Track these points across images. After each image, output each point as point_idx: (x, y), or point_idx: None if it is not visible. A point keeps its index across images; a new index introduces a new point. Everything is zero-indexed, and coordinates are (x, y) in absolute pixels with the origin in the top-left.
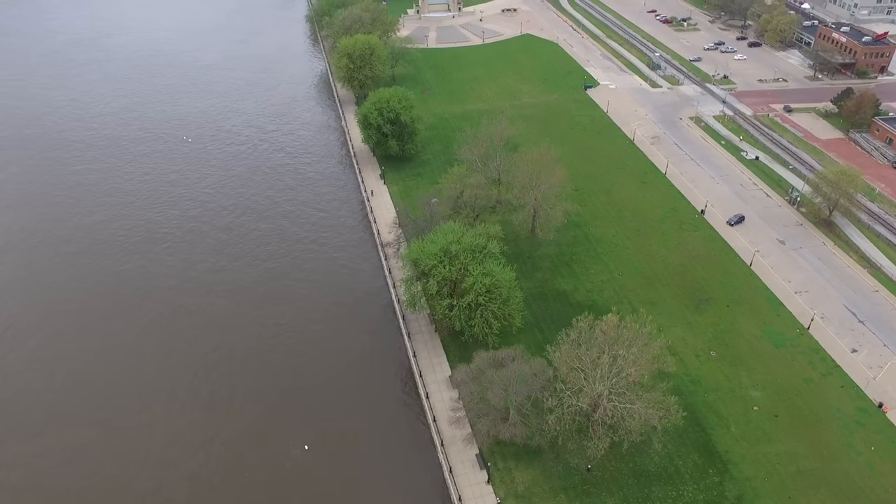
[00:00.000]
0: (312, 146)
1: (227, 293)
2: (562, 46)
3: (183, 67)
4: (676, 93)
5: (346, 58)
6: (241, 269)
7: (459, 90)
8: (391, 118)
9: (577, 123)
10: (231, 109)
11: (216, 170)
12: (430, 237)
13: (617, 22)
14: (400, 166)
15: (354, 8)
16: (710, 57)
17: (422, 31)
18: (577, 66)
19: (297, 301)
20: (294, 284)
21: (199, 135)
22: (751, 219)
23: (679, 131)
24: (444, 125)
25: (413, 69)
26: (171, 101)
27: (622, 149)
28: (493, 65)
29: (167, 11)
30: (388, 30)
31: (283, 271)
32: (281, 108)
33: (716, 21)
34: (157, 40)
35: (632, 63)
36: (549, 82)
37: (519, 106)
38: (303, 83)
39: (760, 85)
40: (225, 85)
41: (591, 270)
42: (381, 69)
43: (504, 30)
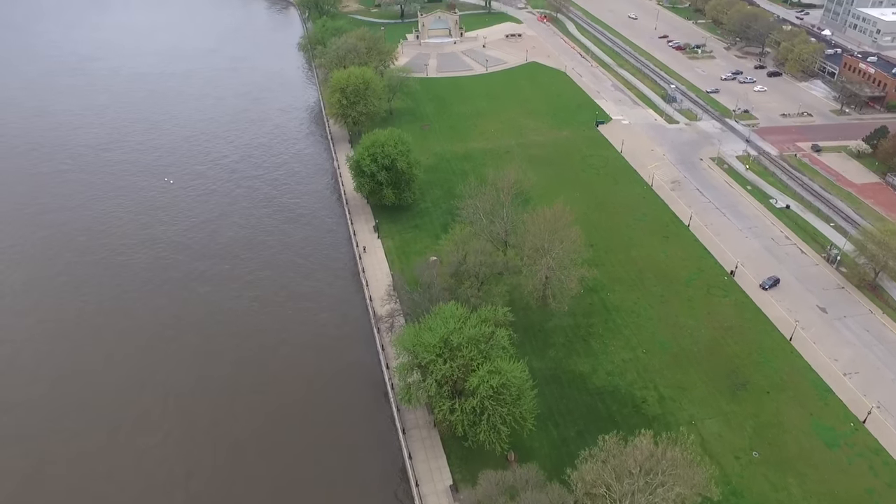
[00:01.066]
0: (300, 193)
1: (192, 382)
2: (570, 76)
3: (167, 96)
4: (695, 129)
5: (339, 93)
6: (212, 345)
7: (461, 126)
8: (386, 164)
9: (589, 165)
10: (215, 147)
11: (192, 221)
12: (428, 322)
13: (627, 49)
14: (396, 216)
15: (349, 36)
16: (728, 88)
17: (421, 59)
18: (588, 98)
19: (274, 384)
20: (272, 360)
21: (180, 174)
22: (786, 281)
23: (700, 174)
24: (444, 167)
25: (411, 102)
26: (153, 132)
27: (640, 196)
28: (498, 96)
29: (156, 35)
30: (385, 59)
31: (260, 344)
32: (268, 146)
33: (731, 48)
34: (144, 66)
35: (645, 95)
36: (557, 117)
37: (526, 145)
38: (293, 116)
39: (784, 120)
40: (210, 117)
41: (610, 347)
42: (377, 104)
43: (508, 57)
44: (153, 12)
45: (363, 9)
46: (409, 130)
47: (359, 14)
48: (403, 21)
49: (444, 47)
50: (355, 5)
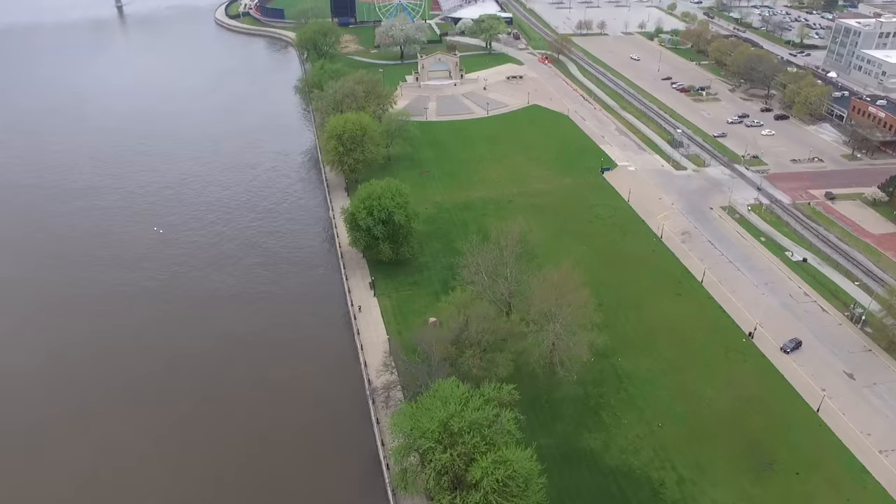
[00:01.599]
0: (294, 244)
1: (174, 458)
2: (573, 119)
3: (161, 137)
4: (703, 176)
5: (335, 139)
6: (196, 416)
7: (462, 173)
8: (383, 218)
9: (596, 216)
10: (208, 191)
11: (180, 269)
12: (426, 402)
13: (631, 91)
14: (393, 272)
15: (347, 80)
16: (735, 132)
17: (421, 102)
18: (592, 143)
19: (263, 455)
20: (261, 428)
21: (170, 220)
22: (809, 343)
23: (711, 225)
24: (444, 217)
25: (410, 147)
26: (145, 175)
27: (650, 248)
28: (499, 141)
29: (153, 73)
30: (383, 103)
31: (248, 413)
32: (262, 193)
33: (736, 90)
34: (138, 106)
35: (651, 140)
36: (561, 163)
37: (529, 193)
38: (289, 160)
39: (795, 166)
40: (205, 160)
41: (623, 420)
42: (374, 151)
43: (510, 100)
44: (152, 50)
45: (362, 49)
46: (408, 177)
47: (358, 55)
48: (403, 62)
49: (444, 89)
50: (354, 46)
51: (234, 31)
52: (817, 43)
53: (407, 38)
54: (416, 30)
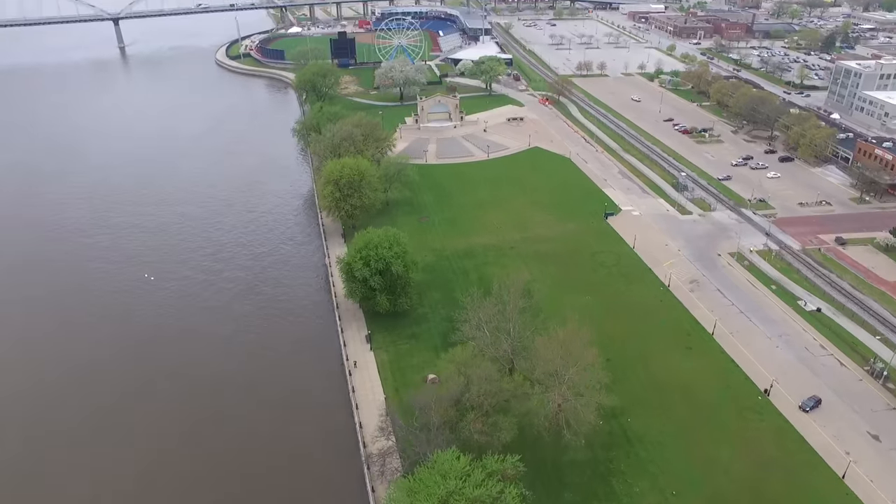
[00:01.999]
0: (288, 293)
1: None
2: (575, 162)
3: (157, 179)
4: (710, 220)
5: (332, 185)
6: (184, 476)
7: (462, 218)
8: (380, 269)
9: (600, 264)
10: (202, 235)
11: (168, 316)
12: (424, 477)
13: (633, 133)
14: (391, 325)
15: (345, 123)
16: (740, 175)
17: (420, 144)
18: (594, 186)
19: None
20: (247, 492)
21: (162, 266)
22: (829, 401)
23: (720, 272)
24: (444, 265)
25: (409, 192)
26: (138, 218)
27: (657, 298)
28: (500, 185)
29: (151, 113)
30: (382, 146)
31: (234, 476)
32: (257, 238)
33: (739, 131)
34: (135, 148)
35: (655, 183)
36: (563, 208)
37: (531, 239)
38: (286, 204)
39: (802, 210)
40: (200, 203)
41: (636, 488)
42: (372, 197)
43: (510, 142)
44: (153, 91)
45: (362, 91)
46: (407, 223)
47: (357, 97)
48: (402, 104)
49: (444, 132)
50: (354, 87)
51: (234, 72)
52: (817, 84)
53: (406, 80)
54: (416, 71)
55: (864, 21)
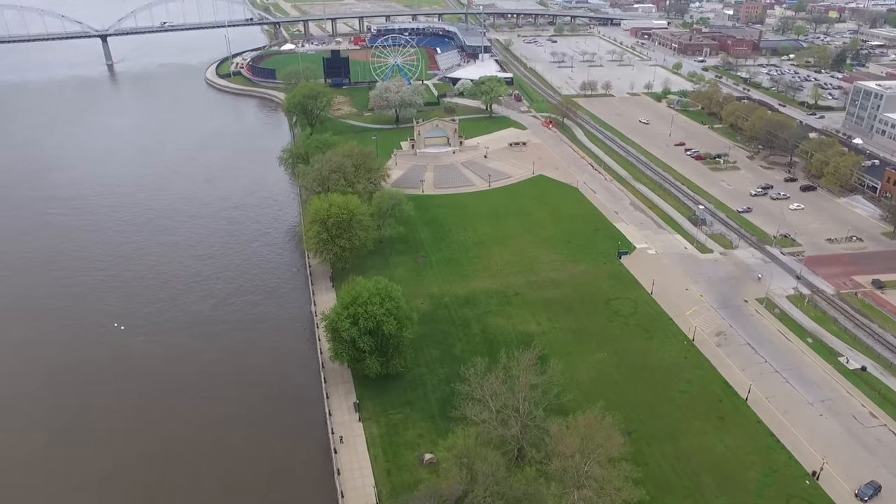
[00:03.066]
0: (268, 348)
1: None
2: (582, 192)
3: (133, 211)
4: (732, 260)
5: (319, 225)
6: None
7: (462, 258)
8: (370, 328)
9: (616, 313)
10: (178, 278)
11: (130, 384)
12: None
13: (643, 159)
14: (382, 389)
15: (335, 152)
16: (761, 206)
17: (417, 172)
18: (605, 220)
19: None
20: None
21: (133, 314)
22: (890, 487)
23: (748, 322)
24: (442, 314)
25: (405, 228)
26: (110, 258)
27: (681, 355)
28: (503, 219)
29: (133, 136)
30: (375, 178)
31: None
32: (238, 281)
33: (755, 157)
34: (111, 176)
35: (669, 216)
36: (573, 246)
37: (538, 283)
38: (271, 241)
39: (832, 247)
40: (178, 240)
41: None
42: (363, 237)
43: (513, 169)
44: (137, 112)
45: (356, 112)
46: (402, 264)
47: (350, 118)
48: (398, 127)
49: (442, 158)
50: (348, 108)
51: (224, 91)
52: (832, 104)
53: (402, 102)
54: (413, 93)
55: (872, 37)
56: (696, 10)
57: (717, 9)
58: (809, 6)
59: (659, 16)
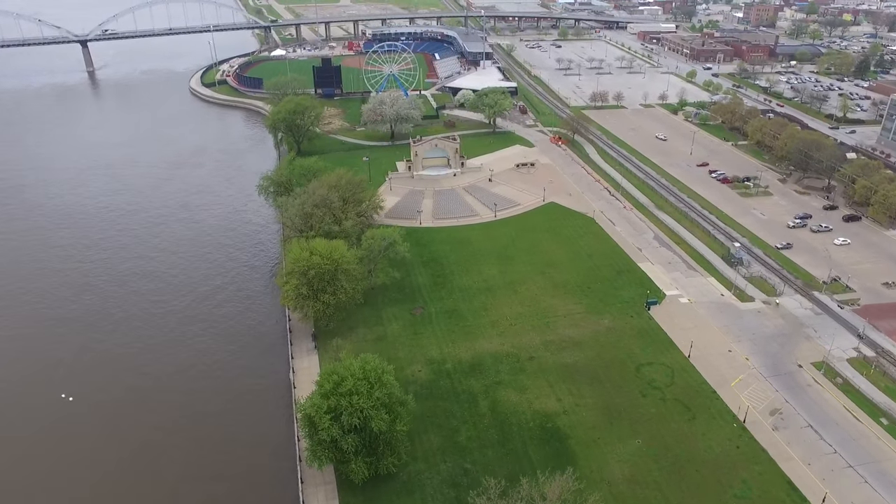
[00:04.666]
0: (232, 433)
1: None
2: (600, 224)
3: (99, 246)
4: (778, 311)
5: (298, 278)
6: None
7: (466, 309)
8: (355, 424)
9: (649, 384)
10: (137, 336)
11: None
12: None
13: (664, 182)
14: (371, 495)
15: (320, 182)
16: (801, 240)
17: (414, 199)
18: (628, 259)
19: None
20: None
21: (84, 380)
22: None
23: (806, 396)
24: (443, 386)
25: (400, 271)
26: (63, 309)
27: (732, 443)
28: (512, 258)
29: (108, 154)
30: (366, 211)
31: None
32: (205, 343)
33: (787, 180)
34: (82, 198)
35: (700, 254)
36: (593, 292)
37: (555, 344)
38: (247, 283)
39: (891, 293)
40: (140, 276)
41: None
42: (351, 290)
43: (521, 196)
44: (113, 126)
45: (347, 126)
46: (396, 317)
47: (342, 134)
48: (394, 143)
49: (442, 181)
50: (339, 122)
51: (208, 101)
52: (861, 116)
53: (398, 117)
54: (409, 106)
55: (891, 41)
56: (703, 13)
57: (724, 11)
58: (822, 8)
59: (666, 18)
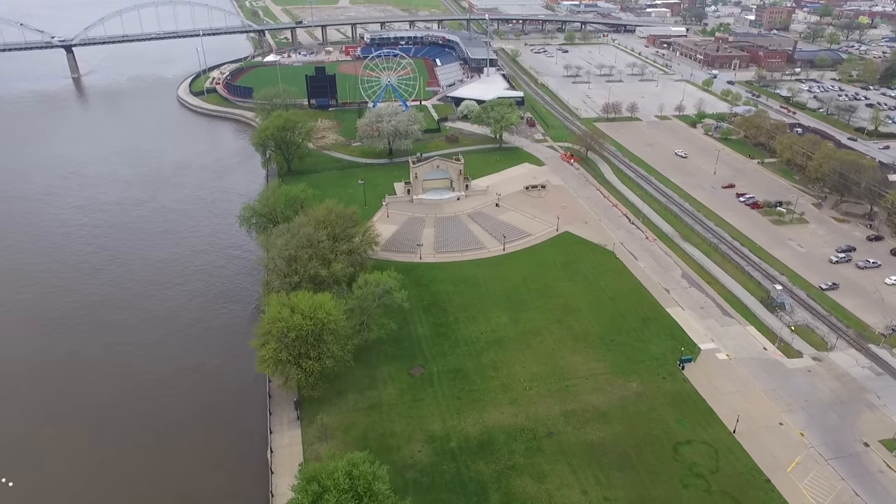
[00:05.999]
0: None
1: None
2: (621, 258)
3: (56, 287)
4: (832, 370)
5: (277, 341)
6: None
7: (472, 368)
8: None
9: (690, 469)
10: (94, 397)
11: None
12: None
13: (688, 207)
14: None
15: (307, 218)
16: (847, 279)
17: (413, 228)
18: (654, 302)
19: None
20: None
21: (18, 471)
22: None
23: (878, 486)
24: (448, 473)
25: (397, 318)
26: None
27: None
28: (524, 302)
29: (76, 170)
30: (361, 248)
31: None
32: (174, 406)
33: (823, 205)
34: (49, 221)
35: (735, 296)
36: (618, 346)
37: (578, 415)
38: (222, 340)
39: None
40: (102, 328)
41: None
42: (339, 353)
43: (532, 223)
44: (94, 137)
45: (343, 141)
46: (393, 379)
47: (335, 150)
48: (392, 161)
49: (444, 206)
50: (333, 136)
51: (196, 111)
52: (894, 130)
53: (397, 133)
54: (409, 121)
55: None
56: (712, 15)
57: (735, 13)
58: (837, 10)
59: (675, 21)
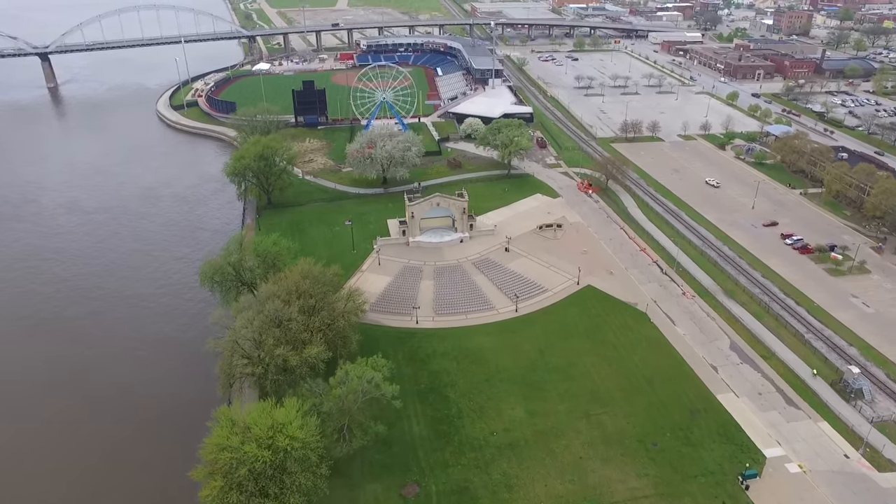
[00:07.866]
0: None
1: None
2: (656, 322)
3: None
4: None
5: (224, 478)
6: None
7: (480, 486)
8: None
9: None
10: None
11: None
12: None
13: (728, 252)
14: None
15: (277, 287)
16: None
17: (409, 280)
18: (701, 387)
19: None
20: None
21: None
22: None
23: None
24: None
25: (385, 413)
26: None
27: None
28: (543, 387)
29: (32, 198)
30: (342, 317)
31: None
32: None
33: (884, 249)
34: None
35: (797, 375)
36: (662, 453)
37: None
38: (181, 435)
39: None
40: (56, 393)
41: None
42: (309, 486)
43: (548, 274)
44: (60, 157)
45: (331, 165)
46: (380, 500)
47: (323, 177)
48: (386, 191)
49: (446, 251)
50: (322, 160)
51: (175, 128)
52: None
53: (392, 160)
54: (405, 145)
55: None
56: (726, 19)
57: (749, 16)
58: (857, 14)
59: (688, 26)
